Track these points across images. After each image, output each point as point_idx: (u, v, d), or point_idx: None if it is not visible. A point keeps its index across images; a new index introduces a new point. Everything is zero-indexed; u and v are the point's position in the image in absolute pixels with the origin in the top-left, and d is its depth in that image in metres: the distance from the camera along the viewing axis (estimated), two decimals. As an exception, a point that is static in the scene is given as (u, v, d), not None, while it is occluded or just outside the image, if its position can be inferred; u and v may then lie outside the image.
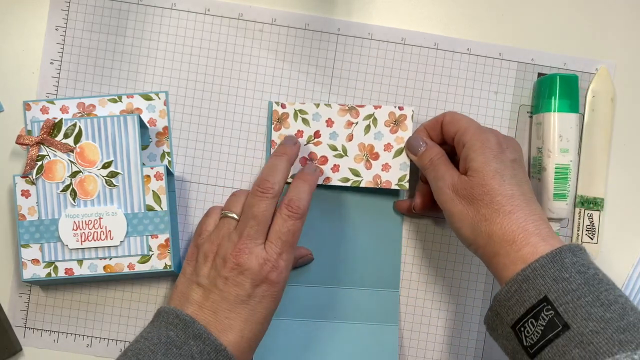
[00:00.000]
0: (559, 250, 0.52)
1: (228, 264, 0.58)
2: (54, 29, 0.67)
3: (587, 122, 0.68)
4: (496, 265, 0.56)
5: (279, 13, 0.67)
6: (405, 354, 0.68)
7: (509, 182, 0.57)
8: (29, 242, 0.62)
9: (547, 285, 0.51)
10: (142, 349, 0.55)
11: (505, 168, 0.57)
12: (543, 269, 0.52)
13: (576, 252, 0.53)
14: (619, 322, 0.49)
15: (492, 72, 0.68)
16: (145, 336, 0.56)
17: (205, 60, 0.67)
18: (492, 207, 0.56)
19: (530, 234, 0.54)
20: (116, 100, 0.66)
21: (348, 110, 0.66)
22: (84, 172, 0.62)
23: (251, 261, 0.57)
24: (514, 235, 0.55)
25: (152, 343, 0.55)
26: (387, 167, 0.66)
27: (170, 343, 0.55)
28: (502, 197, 0.56)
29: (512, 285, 0.53)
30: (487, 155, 0.58)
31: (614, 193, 0.69)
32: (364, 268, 0.67)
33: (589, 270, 0.52)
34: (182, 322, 0.56)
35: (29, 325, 0.67)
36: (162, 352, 0.54)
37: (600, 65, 0.68)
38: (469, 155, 0.58)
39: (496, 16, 0.68)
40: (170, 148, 0.67)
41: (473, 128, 0.60)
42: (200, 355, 0.54)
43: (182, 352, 0.54)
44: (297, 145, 0.65)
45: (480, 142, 0.58)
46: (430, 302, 0.68)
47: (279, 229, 0.59)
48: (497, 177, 0.57)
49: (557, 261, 0.52)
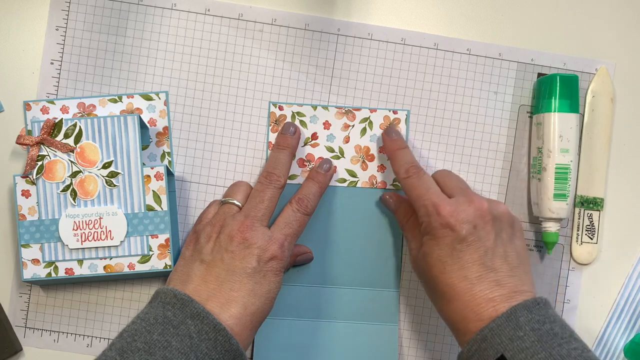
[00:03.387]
0: (514, 309, 0.54)
1: (235, 240, 0.58)
2: (54, 29, 0.67)
3: (587, 122, 0.68)
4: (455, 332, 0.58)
5: (279, 13, 0.67)
6: (405, 354, 0.68)
7: (450, 269, 0.57)
8: (29, 242, 0.63)
9: (503, 344, 0.53)
10: (138, 330, 0.54)
11: (447, 255, 0.57)
12: (499, 329, 0.53)
13: (532, 309, 0.54)
14: None
15: (491, 72, 0.68)
16: (141, 317, 0.55)
17: (205, 60, 0.67)
18: (436, 293, 0.59)
19: (469, 321, 0.55)
20: (116, 100, 0.66)
21: (345, 113, 0.67)
22: (84, 172, 0.63)
23: (258, 237, 0.59)
24: (456, 323, 0.57)
25: (149, 323, 0.54)
26: (382, 168, 0.67)
27: (167, 323, 0.54)
28: (443, 286, 0.58)
29: (472, 345, 0.54)
30: (431, 241, 0.59)
31: (613, 193, 0.69)
32: (364, 268, 0.67)
33: (544, 325, 0.53)
34: (180, 302, 0.55)
35: (29, 325, 0.67)
36: (158, 332, 0.53)
37: (600, 65, 0.68)
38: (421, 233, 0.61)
39: (496, 16, 0.68)
40: (170, 148, 0.67)
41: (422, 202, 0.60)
42: (198, 335, 0.54)
43: (180, 332, 0.54)
44: (297, 133, 0.66)
45: (425, 223, 0.59)
46: (430, 302, 0.68)
47: (287, 217, 0.62)
48: (438, 265, 0.58)
49: (512, 320, 0.53)
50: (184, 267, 0.60)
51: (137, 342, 0.53)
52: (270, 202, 0.61)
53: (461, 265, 0.57)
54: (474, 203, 0.58)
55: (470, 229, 0.57)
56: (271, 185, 0.62)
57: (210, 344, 0.54)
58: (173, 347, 0.53)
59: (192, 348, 0.53)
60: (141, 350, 0.52)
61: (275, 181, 0.62)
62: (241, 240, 0.58)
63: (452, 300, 0.57)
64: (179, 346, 0.53)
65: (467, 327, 0.56)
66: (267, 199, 0.61)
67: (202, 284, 0.57)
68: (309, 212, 0.63)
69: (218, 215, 0.62)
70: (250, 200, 0.62)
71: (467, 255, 0.57)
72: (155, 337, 0.53)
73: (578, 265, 0.68)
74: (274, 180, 0.62)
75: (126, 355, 0.52)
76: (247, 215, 0.60)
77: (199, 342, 0.53)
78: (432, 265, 0.58)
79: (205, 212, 0.65)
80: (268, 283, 0.58)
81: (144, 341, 0.53)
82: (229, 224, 0.60)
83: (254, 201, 0.61)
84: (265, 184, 0.62)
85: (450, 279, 0.57)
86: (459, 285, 0.56)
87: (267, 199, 0.61)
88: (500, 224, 0.59)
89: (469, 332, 0.55)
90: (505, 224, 0.59)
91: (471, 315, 0.55)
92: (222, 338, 0.54)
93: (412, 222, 0.64)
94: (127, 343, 0.53)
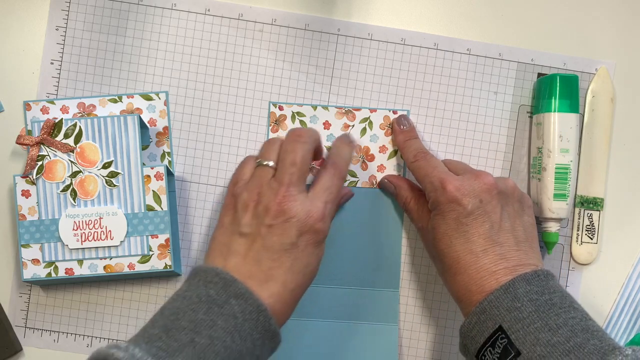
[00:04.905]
0: (512, 281, 0.54)
1: (272, 212, 0.56)
2: (54, 29, 0.67)
3: (587, 122, 0.68)
4: (460, 305, 0.59)
5: (279, 13, 0.67)
6: (405, 354, 0.68)
7: (456, 242, 0.57)
8: (29, 242, 0.63)
9: (501, 315, 0.54)
10: (180, 308, 0.53)
11: (453, 229, 0.58)
12: (497, 301, 0.54)
13: (531, 281, 0.55)
14: (565, 344, 0.51)
15: (492, 72, 0.68)
16: (182, 295, 0.54)
17: (205, 60, 0.67)
18: (443, 268, 0.59)
19: (472, 293, 0.56)
20: (116, 100, 0.66)
21: (345, 114, 0.67)
22: (84, 172, 0.63)
23: (296, 208, 0.56)
24: (460, 295, 0.58)
25: (192, 302, 0.53)
26: (382, 168, 0.67)
27: (211, 302, 0.52)
28: (449, 260, 0.58)
29: (472, 317, 0.55)
30: (437, 216, 0.59)
31: (613, 193, 0.69)
32: (364, 268, 0.67)
33: (542, 296, 0.54)
34: (223, 281, 0.54)
35: (29, 325, 0.67)
36: (203, 311, 0.52)
37: (600, 66, 0.68)
38: (429, 209, 0.61)
39: (496, 16, 0.68)
40: (170, 148, 0.67)
41: (429, 179, 0.60)
42: (242, 315, 0.52)
43: (224, 311, 0.52)
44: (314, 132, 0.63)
45: (432, 199, 0.60)
46: (430, 302, 0.68)
47: (324, 183, 0.58)
48: (444, 240, 0.58)
49: (510, 292, 0.54)
50: (224, 238, 0.57)
51: (182, 321, 0.52)
52: (303, 162, 0.57)
53: (467, 238, 0.57)
54: (480, 178, 0.58)
55: (476, 203, 0.57)
56: (301, 140, 0.57)
57: (253, 324, 0.53)
58: (218, 326, 0.52)
59: (236, 328, 0.52)
60: (186, 329, 0.51)
61: (304, 136, 0.58)
62: (278, 213, 0.55)
63: (458, 274, 0.57)
64: (224, 325, 0.52)
65: (470, 300, 0.56)
66: (299, 158, 0.57)
67: (242, 261, 0.55)
68: (345, 176, 0.60)
69: (254, 180, 0.58)
70: (282, 163, 0.57)
71: (472, 229, 0.57)
72: (200, 316, 0.52)
73: (578, 265, 0.68)
74: (302, 135, 0.58)
75: (171, 334, 0.51)
76: (282, 181, 0.56)
77: (243, 321, 0.53)
78: (438, 240, 0.59)
79: (241, 171, 0.60)
80: (307, 257, 0.56)
81: (189, 319, 0.52)
82: (265, 194, 0.56)
83: (284, 164, 0.57)
84: (295, 139, 0.58)
85: (456, 252, 0.57)
86: (464, 259, 0.57)
87: (299, 158, 0.57)
88: (507, 199, 0.59)
89: (472, 304, 0.56)
90: (511, 199, 0.59)
91: (474, 287, 0.56)
92: (264, 319, 0.53)
93: (415, 202, 0.64)
94: (171, 321, 0.52)
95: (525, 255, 0.57)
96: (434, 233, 0.59)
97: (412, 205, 0.64)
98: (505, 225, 0.58)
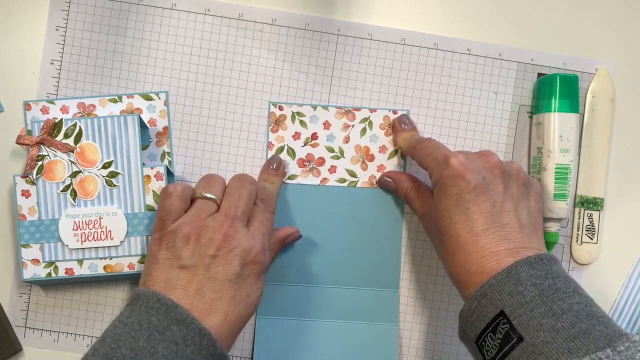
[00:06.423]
0: (515, 265, 0.53)
1: (216, 243, 0.56)
2: (54, 29, 0.67)
3: (587, 122, 0.68)
4: (458, 286, 0.57)
5: (279, 13, 0.67)
6: (405, 354, 0.68)
7: (457, 219, 0.56)
8: (29, 242, 0.63)
9: (503, 299, 0.52)
10: (121, 335, 0.52)
11: (454, 205, 0.56)
12: (499, 285, 0.53)
13: (534, 265, 0.53)
14: (570, 330, 0.49)
15: (492, 72, 0.68)
16: (123, 321, 0.54)
17: (205, 60, 0.67)
18: (442, 246, 0.58)
19: (472, 274, 0.55)
20: (116, 100, 0.66)
21: (345, 114, 0.67)
22: (84, 172, 0.63)
23: (240, 238, 0.57)
24: (459, 275, 0.56)
25: (133, 329, 0.53)
26: (382, 168, 0.67)
27: (152, 329, 0.52)
28: (449, 237, 0.56)
29: (472, 302, 0.54)
30: (439, 192, 0.58)
31: (613, 193, 0.69)
32: (364, 268, 0.67)
33: (546, 281, 0.52)
34: (164, 307, 0.54)
35: (29, 325, 0.67)
36: (144, 339, 0.52)
37: (600, 66, 0.68)
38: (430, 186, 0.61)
39: (496, 16, 0.68)
40: (170, 148, 0.67)
41: (433, 156, 0.60)
42: (184, 341, 0.53)
43: (165, 338, 0.52)
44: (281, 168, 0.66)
45: (435, 175, 0.59)
46: (430, 302, 0.68)
47: (257, 217, 0.60)
48: (445, 216, 0.57)
49: (513, 276, 0.52)
50: (161, 274, 0.57)
51: (122, 349, 0.52)
52: (249, 199, 0.60)
53: (468, 216, 0.56)
54: (485, 156, 0.58)
55: (479, 180, 0.56)
56: (247, 182, 0.61)
57: (196, 348, 0.53)
58: (159, 353, 0.52)
59: (178, 354, 0.52)
60: (127, 357, 0.51)
61: (249, 178, 0.62)
62: (223, 243, 0.56)
63: (457, 252, 0.56)
64: (165, 353, 0.52)
65: (470, 280, 0.55)
66: (246, 195, 0.60)
67: (184, 293, 0.55)
68: (274, 210, 0.63)
69: (197, 213, 0.58)
70: (229, 197, 0.59)
71: (474, 207, 0.56)
72: (141, 344, 0.52)
73: (578, 265, 0.68)
74: (246, 178, 0.61)
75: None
76: (227, 214, 0.58)
77: (185, 347, 0.53)
78: (439, 217, 0.57)
79: (168, 204, 0.59)
80: (249, 286, 0.57)
81: (129, 347, 0.52)
82: (209, 225, 0.57)
83: (232, 198, 0.59)
84: (242, 179, 0.61)
85: (456, 230, 0.56)
86: (464, 237, 0.55)
87: (246, 195, 0.59)
88: (510, 179, 0.58)
89: (472, 285, 0.54)
90: (515, 180, 0.58)
91: (474, 267, 0.54)
92: (207, 342, 0.53)
93: (416, 190, 0.63)
94: (112, 349, 0.52)
95: (528, 238, 0.56)
96: (435, 210, 0.58)
97: (412, 194, 0.64)
98: (507, 206, 0.56)
